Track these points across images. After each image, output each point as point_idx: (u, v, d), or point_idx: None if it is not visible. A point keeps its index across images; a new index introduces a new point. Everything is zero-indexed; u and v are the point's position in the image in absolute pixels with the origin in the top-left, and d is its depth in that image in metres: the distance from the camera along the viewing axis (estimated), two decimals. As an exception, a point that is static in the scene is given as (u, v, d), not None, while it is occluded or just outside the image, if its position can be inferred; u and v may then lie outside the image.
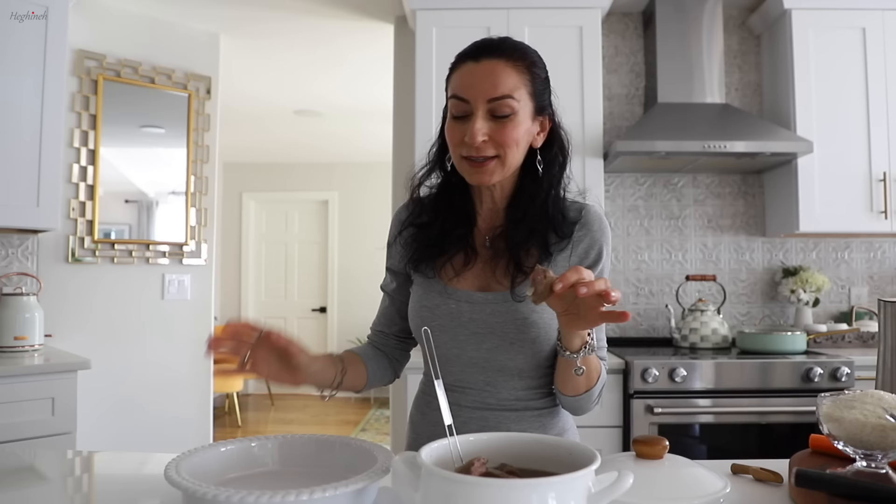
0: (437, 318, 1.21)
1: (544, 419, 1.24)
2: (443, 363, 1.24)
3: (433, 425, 1.25)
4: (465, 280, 1.23)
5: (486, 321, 1.19)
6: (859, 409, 0.88)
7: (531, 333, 1.17)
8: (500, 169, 1.15)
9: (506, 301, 1.18)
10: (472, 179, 1.17)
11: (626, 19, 3.39)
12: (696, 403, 2.54)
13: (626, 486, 0.73)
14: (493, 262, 1.22)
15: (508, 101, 1.12)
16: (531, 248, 1.19)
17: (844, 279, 3.34)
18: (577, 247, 1.21)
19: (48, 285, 3.05)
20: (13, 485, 1.07)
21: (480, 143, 1.11)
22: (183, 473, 0.83)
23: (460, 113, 1.14)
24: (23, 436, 2.31)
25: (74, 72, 3.14)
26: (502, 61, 1.14)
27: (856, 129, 2.97)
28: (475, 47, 1.16)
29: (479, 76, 1.13)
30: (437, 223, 1.25)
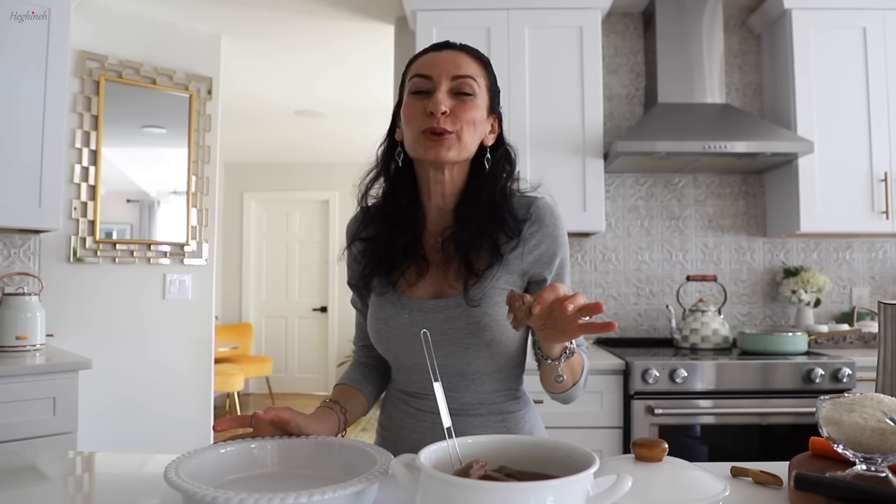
0: (392, 329, 1.21)
1: (508, 423, 1.24)
2: (405, 371, 1.26)
3: (398, 428, 1.27)
4: (420, 289, 1.22)
5: (439, 328, 1.17)
6: (859, 413, 0.88)
7: (485, 337, 1.16)
8: (456, 146, 1.15)
9: (458, 306, 1.17)
10: (428, 154, 1.15)
11: (626, 19, 3.39)
12: (697, 404, 2.54)
13: (624, 490, 0.73)
14: (445, 266, 1.21)
15: (470, 80, 1.16)
16: (481, 250, 1.18)
17: (846, 279, 3.34)
18: (529, 243, 1.20)
19: (50, 285, 3.05)
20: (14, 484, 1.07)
21: (441, 114, 1.13)
22: (182, 475, 0.83)
23: (422, 89, 1.16)
24: (24, 435, 2.32)
25: (76, 73, 3.15)
26: (462, 53, 1.19)
27: (857, 129, 2.97)
28: (441, 43, 1.21)
29: (442, 59, 1.17)
30: (383, 234, 1.23)
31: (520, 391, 1.29)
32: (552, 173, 2.95)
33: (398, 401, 1.30)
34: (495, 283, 1.18)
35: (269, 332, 7.52)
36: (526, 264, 1.20)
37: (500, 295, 1.18)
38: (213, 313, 3.68)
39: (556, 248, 1.22)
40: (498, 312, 1.16)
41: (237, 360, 6.56)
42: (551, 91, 2.97)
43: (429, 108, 1.13)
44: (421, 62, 1.19)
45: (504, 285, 1.19)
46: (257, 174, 7.45)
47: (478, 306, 1.16)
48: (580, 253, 3.36)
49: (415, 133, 1.16)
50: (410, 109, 1.16)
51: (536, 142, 2.96)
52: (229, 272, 7.37)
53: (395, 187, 1.24)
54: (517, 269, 1.20)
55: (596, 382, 2.60)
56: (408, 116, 1.17)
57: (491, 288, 1.17)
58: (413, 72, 1.19)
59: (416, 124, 1.15)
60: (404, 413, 1.27)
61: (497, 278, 1.18)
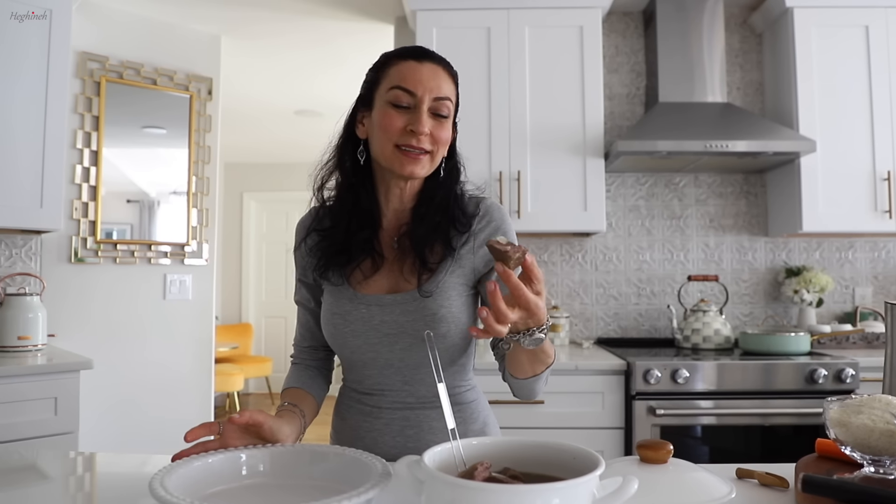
0: (349, 323, 1.23)
1: (464, 413, 1.28)
2: (359, 368, 1.27)
3: (352, 429, 1.28)
4: (374, 284, 1.25)
5: (396, 321, 1.21)
6: (867, 414, 0.87)
7: (441, 328, 1.19)
8: (429, 164, 1.20)
9: (415, 300, 1.20)
10: (403, 170, 1.18)
11: (626, 19, 3.39)
12: (699, 405, 2.53)
13: (630, 492, 0.72)
14: (399, 262, 1.25)
15: (447, 103, 1.19)
16: (435, 245, 1.23)
17: (848, 279, 3.33)
18: (478, 238, 1.25)
19: (51, 285, 3.05)
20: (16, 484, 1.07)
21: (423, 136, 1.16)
22: (167, 486, 0.80)
23: (403, 103, 1.17)
24: (25, 435, 2.32)
25: (77, 73, 3.15)
26: (440, 67, 1.21)
27: (859, 128, 2.96)
28: (413, 50, 1.21)
29: (425, 74, 1.18)
30: (340, 227, 1.26)
31: (470, 383, 1.32)
32: (553, 173, 2.95)
33: (352, 401, 1.31)
34: (448, 277, 1.22)
35: (269, 332, 7.51)
36: (477, 259, 1.24)
37: (454, 288, 1.22)
38: (213, 313, 3.68)
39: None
40: (453, 304, 1.21)
41: (237, 359, 6.56)
42: (552, 90, 2.97)
43: (411, 127, 1.16)
44: (404, 73, 1.18)
45: (457, 279, 1.23)
46: (257, 174, 7.44)
47: (429, 296, 1.20)
48: (581, 253, 3.35)
49: (390, 145, 1.17)
50: (390, 121, 1.17)
51: (537, 141, 2.95)
52: (229, 272, 7.37)
53: (354, 185, 1.26)
54: (469, 263, 1.24)
55: (597, 383, 2.60)
56: (385, 126, 1.17)
57: (445, 281, 1.22)
58: (395, 82, 1.18)
59: (393, 137, 1.17)
60: (359, 413, 1.28)
61: (450, 272, 1.23)
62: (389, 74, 1.19)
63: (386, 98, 1.18)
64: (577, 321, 3.33)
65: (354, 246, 1.24)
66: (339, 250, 1.25)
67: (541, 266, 3.28)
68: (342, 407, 1.33)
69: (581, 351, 2.97)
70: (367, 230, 1.24)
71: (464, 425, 1.26)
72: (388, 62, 1.21)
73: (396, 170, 1.18)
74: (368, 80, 1.24)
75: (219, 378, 5.41)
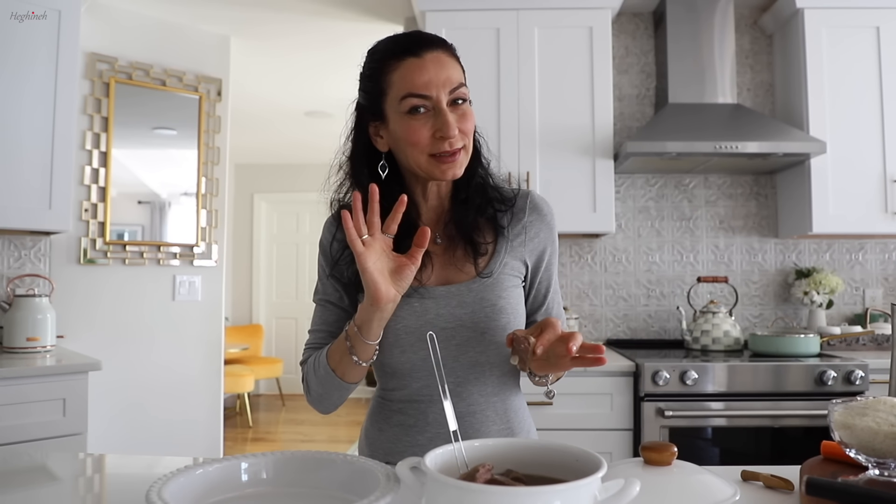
0: (400, 319, 1.14)
1: (512, 423, 1.21)
2: (406, 372, 1.17)
3: (391, 442, 1.19)
4: (425, 281, 1.17)
5: (453, 314, 1.15)
6: (872, 417, 0.86)
7: (501, 320, 1.15)
8: (465, 158, 1.13)
9: (471, 291, 1.15)
10: (444, 175, 1.11)
11: (636, 19, 3.38)
12: (708, 406, 2.52)
13: (632, 494, 0.72)
14: (448, 253, 1.19)
15: (464, 88, 1.12)
16: (482, 227, 1.19)
17: (859, 281, 3.31)
18: (530, 231, 1.22)
19: (60, 287, 3.07)
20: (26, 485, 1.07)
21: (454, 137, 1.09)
22: (165, 497, 0.77)
23: (421, 110, 1.09)
24: (34, 436, 2.32)
25: (86, 74, 3.16)
26: (441, 51, 1.12)
27: (870, 129, 2.94)
28: (410, 42, 1.11)
29: (431, 69, 1.09)
30: None
31: (519, 386, 1.26)
32: (562, 174, 2.94)
33: (391, 411, 1.21)
34: (503, 269, 1.19)
35: (280, 334, 7.53)
36: (527, 251, 1.22)
37: (510, 279, 1.19)
38: (222, 314, 3.69)
39: (551, 238, 1.25)
40: (511, 295, 1.17)
41: (247, 361, 6.58)
42: (561, 91, 2.96)
43: (440, 134, 1.08)
44: (411, 78, 1.08)
45: (511, 271, 1.19)
46: (267, 175, 7.47)
47: (489, 277, 1.16)
48: (590, 254, 3.34)
49: (423, 157, 1.10)
50: (415, 134, 1.09)
51: (546, 142, 2.95)
52: (240, 273, 7.39)
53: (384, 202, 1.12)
54: (520, 256, 1.21)
55: (606, 384, 2.59)
56: (413, 141, 1.09)
57: (500, 271, 1.18)
58: (405, 90, 1.09)
59: (424, 148, 1.10)
60: (400, 425, 1.20)
61: (504, 264, 1.19)
62: (394, 82, 1.10)
63: (401, 109, 1.09)
64: (586, 322, 3.32)
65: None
66: None
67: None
68: (379, 417, 1.23)
69: (589, 352, 2.95)
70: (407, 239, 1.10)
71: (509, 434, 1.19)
72: (385, 66, 1.11)
73: (438, 177, 1.12)
74: (368, 91, 1.15)
75: (229, 379, 5.43)
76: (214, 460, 0.92)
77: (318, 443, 5.40)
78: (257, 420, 6.32)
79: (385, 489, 0.81)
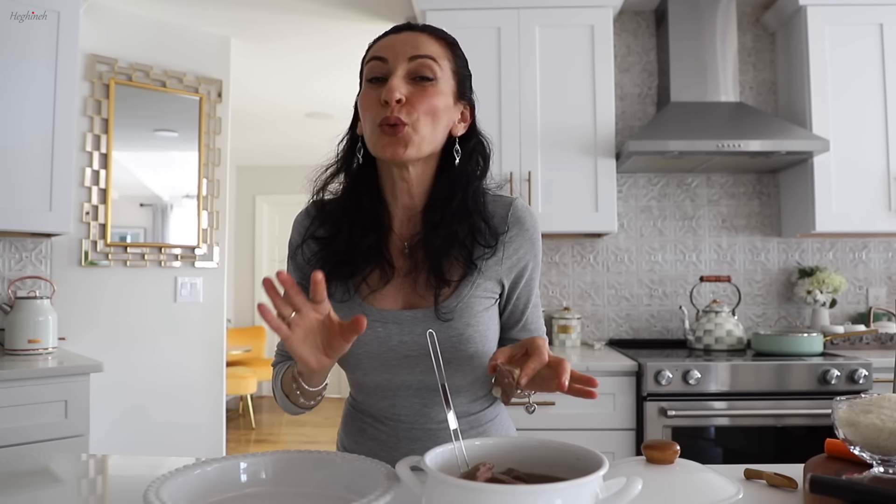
0: (363, 344, 1.08)
1: (489, 433, 1.18)
2: (371, 390, 1.14)
3: (368, 454, 1.14)
4: (386, 297, 1.11)
5: (417, 342, 1.08)
6: (876, 414, 0.85)
7: (468, 350, 1.08)
8: (414, 140, 1.02)
9: (437, 318, 1.07)
10: (385, 152, 1.03)
11: (638, 18, 3.37)
12: (711, 406, 2.51)
13: (634, 492, 0.71)
14: (413, 275, 1.11)
15: (429, 62, 1.04)
16: (453, 259, 1.09)
17: (862, 280, 3.29)
18: (508, 248, 1.12)
19: (61, 289, 3.06)
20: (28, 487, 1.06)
21: (396, 102, 1.01)
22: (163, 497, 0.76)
23: (377, 75, 1.04)
24: (36, 438, 2.32)
25: (86, 76, 3.16)
26: (424, 34, 1.07)
27: (873, 127, 2.92)
28: (402, 25, 1.10)
29: (400, 41, 1.06)
30: (343, 234, 1.11)
31: (492, 397, 1.21)
32: (563, 173, 2.93)
33: (364, 424, 1.18)
34: (474, 292, 1.10)
35: (281, 335, 7.52)
36: (504, 269, 1.13)
37: (480, 304, 1.10)
38: (224, 316, 3.68)
39: (533, 252, 1.15)
40: (479, 322, 1.09)
41: (250, 362, 6.58)
42: (562, 90, 2.96)
43: (383, 97, 1.01)
44: (377, 45, 1.07)
45: (482, 293, 1.11)
46: (269, 177, 7.47)
47: (450, 320, 1.07)
48: (592, 254, 3.33)
49: (371, 126, 1.04)
50: (366, 99, 1.05)
51: (548, 141, 2.94)
52: (242, 275, 7.39)
53: (357, 186, 1.13)
54: (495, 275, 1.12)
55: (608, 384, 2.58)
56: (364, 106, 1.06)
57: (470, 297, 1.09)
58: (369, 55, 1.08)
59: (371, 115, 1.04)
60: (374, 439, 1.16)
61: (476, 286, 1.10)
62: (368, 54, 1.09)
63: (364, 76, 1.07)
64: (588, 322, 3.31)
65: (358, 255, 1.09)
66: (342, 261, 1.10)
67: (552, 267, 3.28)
68: (353, 428, 1.20)
69: (592, 352, 2.95)
70: (372, 235, 1.10)
71: None
72: (372, 45, 1.10)
73: (380, 154, 1.04)
74: (360, 71, 1.12)
75: (231, 381, 5.42)
76: (213, 460, 0.91)
77: (321, 444, 5.40)
78: (260, 422, 6.31)
79: (385, 488, 0.80)
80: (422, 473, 0.76)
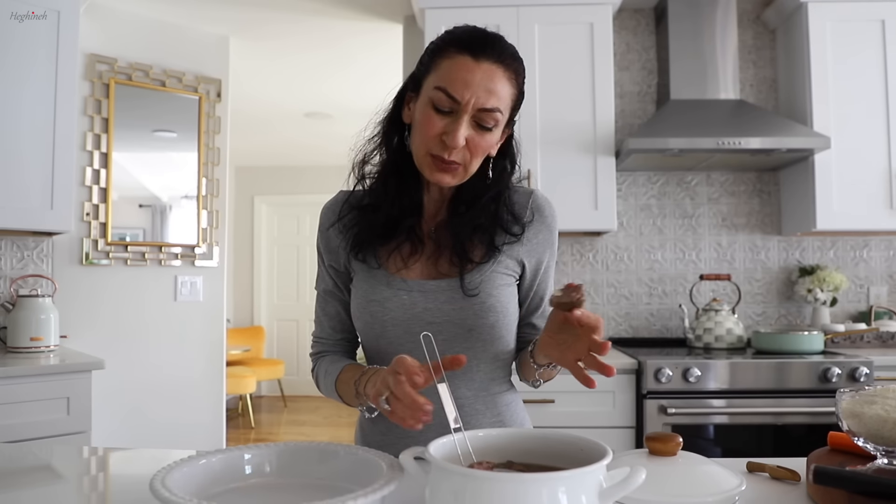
0: (388, 311, 1.16)
1: (503, 416, 1.22)
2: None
3: (382, 434, 1.20)
4: (413, 270, 1.18)
5: (441, 309, 1.15)
6: (881, 405, 0.85)
7: (490, 318, 1.15)
8: (462, 175, 1.12)
9: (459, 287, 1.15)
10: (432, 177, 1.11)
11: (637, 15, 3.37)
12: (711, 404, 2.51)
13: (638, 482, 0.71)
14: (436, 252, 1.19)
15: (496, 114, 1.08)
16: (476, 243, 1.17)
17: (863, 278, 3.29)
18: (529, 232, 1.20)
19: (62, 287, 3.06)
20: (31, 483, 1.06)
21: (456, 150, 1.08)
22: (169, 485, 0.77)
23: (444, 108, 1.07)
24: (39, 435, 2.33)
25: (86, 76, 3.16)
26: (501, 68, 1.09)
27: (875, 124, 2.92)
28: (475, 40, 1.09)
29: (476, 80, 1.06)
30: (383, 209, 1.18)
31: (510, 382, 1.27)
32: (563, 171, 2.93)
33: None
34: (495, 268, 1.17)
35: (281, 335, 7.53)
36: (524, 251, 1.20)
37: (501, 277, 1.17)
38: (224, 315, 3.68)
39: (551, 240, 1.23)
40: (501, 294, 1.16)
41: (249, 362, 6.58)
42: (562, 88, 2.95)
43: (445, 138, 1.07)
44: (454, 71, 1.07)
45: (503, 270, 1.18)
46: (267, 177, 7.47)
47: (476, 295, 1.14)
48: (591, 252, 3.33)
49: (423, 149, 1.10)
50: (428, 124, 1.08)
51: (547, 139, 2.94)
52: (241, 275, 7.39)
53: (401, 168, 1.18)
54: (516, 255, 1.20)
55: (608, 382, 2.58)
56: (422, 127, 1.09)
57: (491, 272, 1.17)
58: (442, 81, 1.07)
59: (427, 142, 1.09)
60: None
61: (497, 262, 1.18)
62: (441, 67, 1.08)
63: (430, 95, 1.08)
64: (588, 321, 3.30)
65: (397, 229, 1.17)
66: (379, 233, 1.17)
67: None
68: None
69: (592, 350, 2.94)
70: (410, 218, 1.17)
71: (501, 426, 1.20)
72: (445, 49, 1.09)
73: (426, 175, 1.12)
74: (423, 63, 1.13)
75: (231, 380, 5.42)
76: (218, 451, 0.92)
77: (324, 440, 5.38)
78: (259, 421, 6.31)
79: (388, 478, 0.80)
80: (425, 463, 0.76)
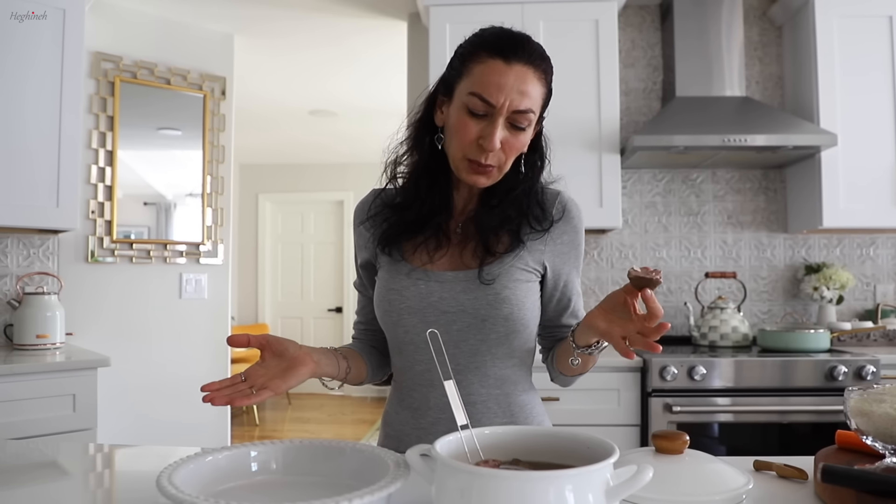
0: (405, 299, 1.19)
1: (518, 418, 1.21)
2: (410, 352, 1.21)
3: (401, 424, 1.24)
4: (437, 264, 1.21)
5: (456, 298, 1.17)
6: (889, 403, 0.85)
7: (503, 310, 1.16)
8: (496, 175, 1.14)
9: (477, 279, 1.17)
10: (468, 179, 1.14)
11: (642, 12, 3.36)
12: (716, 402, 2.50)
13: (645, 480, 0.71)
14: (461, 245, 1.21)
15: (529, 115, 1.10)
16: (501, 235, 1.19)
17: (870, 276, 3.28)
18: (553, 232, 1.22)
19: (68, 285, 3.07)
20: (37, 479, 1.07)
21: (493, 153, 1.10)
22: (176, 482, 0.77)
23: (479, 112, 1.09)
24: (44, 431, 2.34)
25: (91, 74, 3.17)
26: (531, 69, 1.10)
27: (882, 121, 2.90)
28: (505, 43, 1.10)
29: (509, 83, 1.08)
30: (414, 207, 1.21)
31: (529, 383, 1.26)
32: (568, 168, 2.88)
33: (402, 393, 1.25)
34: (515, 262, 1.18)
35: (285, 332, 7.53)
36: (548, 252, 1.22)
37: (520, 272, 1.18)
38: (228, 313, 3.68)
39: (577, 241, 1.25)
40: (518, 287, 1.17)
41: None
42: (567, 85, 2.93)
43: (482, 142, 1.09)
44: (487, 79, 1.08)
45: (523, 265, 1.19)
46: (272, 175, 7.47)
47: (491, 283, 1.15)
48: (596, 250, 3.32)
49: (459, 153, 1.12)
50: (464, 129, 1.10)
51: (552, 136, 2.89)
52: (245, 273, 7.40)
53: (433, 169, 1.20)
54: (539, 255, 1.21)
55: (613, 380, 2.57)
56: (458, 132, 1.11)
57: (511, 266, 1.18)
58: (475, 86, 1.09)
59: (464, 147, 1.11)
60: (408, 408, 1.24)
61: (518, 257, 1.19)
62: (473, 72, 1.10)
63: (464, 100, 1.10)
64: (593, 319, 3.29)
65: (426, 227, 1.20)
66: (408, 230, 1.21)
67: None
68: (394, 397, 1.28)
69: (597, 348, 2.94)
70: (439, 217, 1.20)
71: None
72: (476, 54, 1.11)
73: (462, 177, 1.15)
74: (453, 67, 1.15)
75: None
76: (224, 448, 0.92)
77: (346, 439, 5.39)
78: (264, 419, 6.33)
79: (394, 476, 0.80)
80: (431, 461, 0.76)
